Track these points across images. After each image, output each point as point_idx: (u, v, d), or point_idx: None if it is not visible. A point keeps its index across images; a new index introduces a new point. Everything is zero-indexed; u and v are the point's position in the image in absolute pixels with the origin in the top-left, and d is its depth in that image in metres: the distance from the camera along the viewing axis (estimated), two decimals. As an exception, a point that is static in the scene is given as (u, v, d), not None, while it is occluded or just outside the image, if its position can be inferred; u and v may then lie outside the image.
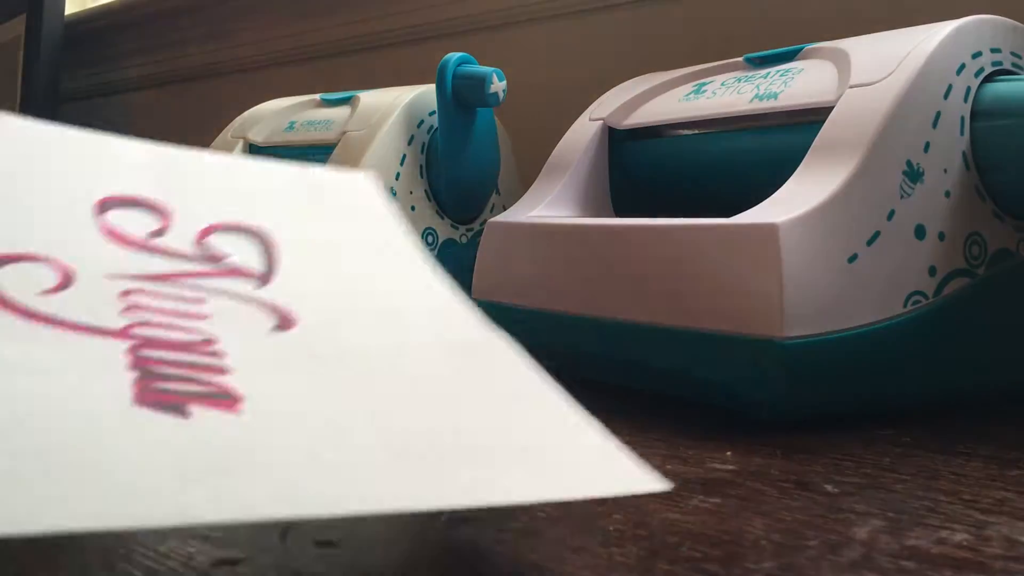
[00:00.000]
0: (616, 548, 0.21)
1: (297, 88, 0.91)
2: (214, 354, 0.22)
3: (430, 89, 0.55)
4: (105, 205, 0.27)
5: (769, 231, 0.31)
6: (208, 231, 0.28)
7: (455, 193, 0.54)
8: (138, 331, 0.22)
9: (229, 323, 0.23)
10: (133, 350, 0.21)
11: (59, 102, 1.07)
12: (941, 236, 0.34)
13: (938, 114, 0.34)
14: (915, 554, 0.21)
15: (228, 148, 0.60)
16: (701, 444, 0.31)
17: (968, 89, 0.35)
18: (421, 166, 0.54)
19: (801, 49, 0.41)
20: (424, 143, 0.54)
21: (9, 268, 0.23)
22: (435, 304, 0.27)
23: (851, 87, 0.35)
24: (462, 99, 0.51)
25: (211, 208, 0.29)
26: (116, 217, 0.27)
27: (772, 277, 0.31)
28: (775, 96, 0.38)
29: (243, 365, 0.21)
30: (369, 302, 0.26)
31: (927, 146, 0.34)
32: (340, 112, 0.57)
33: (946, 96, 0.34)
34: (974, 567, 0.20)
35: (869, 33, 0.39)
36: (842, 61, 0.37)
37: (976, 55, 0.35)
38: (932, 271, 0.33)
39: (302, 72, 0.93)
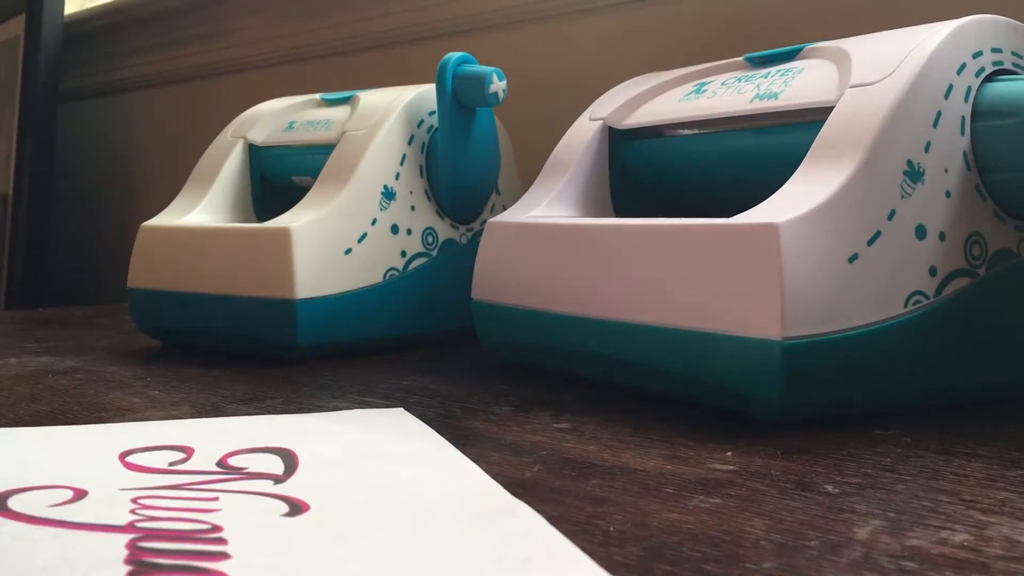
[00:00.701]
0: (616, 548, 0.21)
1: (297, 88, 0.91)
2: (218, 540, 0.22)
3: (430, 89, 0.55)
4: (127, 453, 0.30)
5: (769, 231, 0.31)
6: (231, 454, 0.30)
7: (455, 193, 0.54)
8: (142, 524, 0.23)
9: (240, 512, 0.24)
10: (133, 543, 0.21)
11: (58, 102, 1.07)
12: (942, 236, 0.34)
13: (939, 114, 0.34)
14: (916, 555, 0.21)
15: (228, 148, 0.60)
16: (701, 444, 0.31)
17: (969, 89, 0.35)
18: (421, 166, 0.54)
19: (802, 49, 0.41)
20: (424, 143, 0.54)
21: (23, 494, 0.25)
22: (459, 480, 0.26)
23: (852, 87, 0.35)
24: (462, 99, 0.51)
25: (235, 442, 0.31)
26: (138, 457, 0.29)
27: (772, 277, 0.31)
28: (776, 96, 0.38)
29: (245, 549, 0.21)
30: (387, 482, 0.26)
31: (928, 146, 0.34)
32: (340, 112, 0.57)
33: (947, 96, 0.34)
34: (975, 568, 0.20)
35: (870, 33, 0.39)
36: (843, 61, 0.37)
37: (977, 55, 0.35)
38: (933, 271, 0.33)
39: (302, 72, 0.93)
